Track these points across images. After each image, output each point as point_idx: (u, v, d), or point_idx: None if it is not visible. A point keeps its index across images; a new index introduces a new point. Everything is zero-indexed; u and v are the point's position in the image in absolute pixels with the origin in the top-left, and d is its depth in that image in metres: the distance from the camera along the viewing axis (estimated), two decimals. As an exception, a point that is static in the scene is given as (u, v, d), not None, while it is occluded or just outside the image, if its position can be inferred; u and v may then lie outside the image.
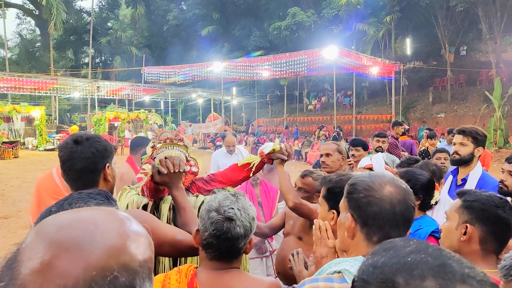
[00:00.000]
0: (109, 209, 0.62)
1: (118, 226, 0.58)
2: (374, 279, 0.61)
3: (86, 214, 0.59)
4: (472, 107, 20.63)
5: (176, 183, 1.70)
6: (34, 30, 40.24)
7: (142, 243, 0.59)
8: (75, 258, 0.52)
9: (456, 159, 2.83)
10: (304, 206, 2.19)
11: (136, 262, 0.55)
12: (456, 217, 1.44)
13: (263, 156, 2.28)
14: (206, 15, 31.88)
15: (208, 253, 1.35)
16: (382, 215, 1.06)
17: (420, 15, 23.29)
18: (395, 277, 0.58)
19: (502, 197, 1.44)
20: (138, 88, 26.31)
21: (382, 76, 21.16)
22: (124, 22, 40.00)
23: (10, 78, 20.85)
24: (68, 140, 1.50)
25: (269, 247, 3.50)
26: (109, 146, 1.55)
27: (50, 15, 28.37)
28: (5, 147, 17.22)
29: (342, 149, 3.24)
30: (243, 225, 1.33)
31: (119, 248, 0.55)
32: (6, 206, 7.90)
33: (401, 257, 0.61)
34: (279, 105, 30.25)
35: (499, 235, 1.39)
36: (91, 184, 1.47)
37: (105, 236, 0.55)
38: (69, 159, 1.46)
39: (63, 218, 0.58)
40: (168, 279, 1.35)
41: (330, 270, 1.08)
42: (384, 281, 0.59)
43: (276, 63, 18.94)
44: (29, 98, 29.24)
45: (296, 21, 24.75)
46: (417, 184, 2.16)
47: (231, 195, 1.40)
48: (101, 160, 1.49)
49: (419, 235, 2.05)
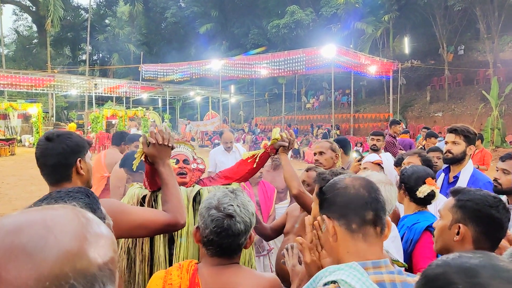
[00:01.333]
0: (67, 209, 0.57)
1: (74, 228, 0.53)
2: (457, 264, 0.60)
3: (38, 216, 0.53)
4: (469, 106, 20.68)
5: (164, 158, 1.72)
6: (31, 26, 40.07)
7: (102, 245, 0.55)
8: (25, 268, 0.47)
9: (449, 157, 2.85)
10: (307, 195, 2.19)
11: (94, 266, 0.52)
12: (450, 216, 1.44)
13: (266, 147, 2.32)
14: (204, 12, 31.80)
15: (209, 250, 1.37)
16: (350, 199, 1.11)
17: (418, 14, 23.32)
18: (480, 270, 0.58)
19: (496, 196, 1.43)
20: (135, 85, 26.24)
21: (380, 75, 21.17)
22: (122, 19, 39.88)
23: (7, 75, 20.75)
24: (41, 138, 1.61)
25: (266, 246, 3.51)
26: (81, 142, 1.62)
27: (47, 12, 28.24)
28: (1, 144, 17.17)
29: (335, 147, 3.26)
30: (243, 221, 1.35)
31: (75, 253, 0.50)
32: (2, 204, 7.87)
33: (493, 260, 0.60)
34: (277, 103, 30.24)
35: (492, 235, 1.38)
36: (64, 178, 1.56)
37: (59, 241, 0.50)
38: (42, 156, 1.56)
39: (11, 222, 0.51)
40: (169, 275, 1.36)
41: (325, 280, 1.06)
42: (467, 268, 0.58)
43: (274, 61, 18.92)
44: (26, 95, 29.14)
45: (295, 19, 24.73)
46: (406, 178, 2.22)
47: (230, 192, 1.41)
48: (72, 155, 1.56)
49: (416, 229, 2.06)
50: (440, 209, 1.52)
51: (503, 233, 1.40)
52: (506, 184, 2.30)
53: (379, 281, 1.02)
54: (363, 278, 1.00)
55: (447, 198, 1.55)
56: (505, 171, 2.32)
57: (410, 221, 2.15)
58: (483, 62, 22.19)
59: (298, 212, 2.48)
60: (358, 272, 1.01)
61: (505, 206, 1.40)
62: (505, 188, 2.29)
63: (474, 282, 0.57)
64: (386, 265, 1.07)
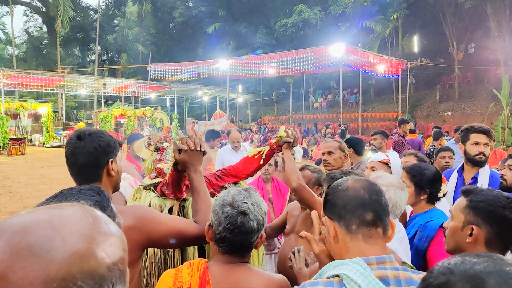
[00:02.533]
0: (75, 208, 0.56)
1: (81, 227, 0.52)
2: (461, 271, 0.57)
3: (45, 216, 0.52)
4: (479, 105, 20.43)
5: (195, 164, 1.69)
6: (41, 27, 40.49)
7: (112, 244, 0.54)
8: (32, 270, 0.46)
9: (483, 160, 2.71)
10: (306, 190, 2.17)
11: (103, 267, 0.50)
12: (461, 217, 1.42)
13: (271, 144, 2.34)
14: (212, 12, 31.87)
15: (221, 247, 1.37)
16: (350, 201, 1.11)
17: (428, 12, 23.09)
18: (486, 277, 0.55)
19: (509, 196, 1.40)
20: (144, 85, 26.40)
21: (389, 74, 21.03)
22: (130, 20, 40.11)
23: (18, 75, 21.01)
24: (72, 136, 1.53)
25: (278, 244, 3.50)
26: (113, 142, 1.55)
27: (57, 13, 28.57)
28: (12, 144, 17.39)
29: (344, 146, 3.23)
30: (256, 219, 1.35)
31: (83, 254, 0.49)
32: (13, 203, 7.97)
33: (498, 264, 0.58)
34: (285, 102, 30.20)
35: (506, 236, 1.36)
36: (94, 179, 1.48)
37: (66, 241, 0.49)
38: (73, 155, 1.49)
39: (18, 222, 0.51)
40: (180, 273, 1.36)
41: (329, 274, 1.06)
42: (472, 276, 0.56)
43: (282, 61, 18.90)
44: (36, 95, 29.49)
45: (303, 18, 24.66)
46: (422, 178, 2.17)
47: (244, 190, 1.42)
48: (103, 155, 1.50)
49: (431, 226, 2.06)
50: (452, 209, 1.50)
51: None
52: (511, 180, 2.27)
53: (382, 276, 1.02)
54: (365, 273, 0.99)
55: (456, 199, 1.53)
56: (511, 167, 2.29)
57: (423, 219, 2.15)
58: (494, 60, 21.88)
59: (298, 211, 2.46)
60: (361, 267, 1.01)
61: (518, 206, 1.37)
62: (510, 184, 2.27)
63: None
64: (391, 261, 1.06)
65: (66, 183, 6.09)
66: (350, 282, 0.99)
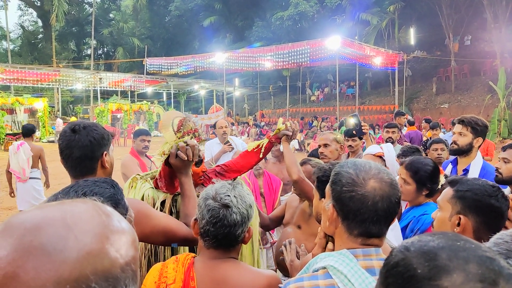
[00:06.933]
0: (87, 204, 0.54)
1: (95, 226, 0.50)
2: (416, 248, 0.60)
3: (58, 213, 0.50)
4: (476, 98, 20.47)
5: (187, 170, 1.79)
6: (36, 21, 40.12)
7: (125, 243, 0.52)
8: (44, 270, 0.44)
9: (454, 149, 2.80)
10: (306, 182, 2.20)
11: (116, 267, 0.49)
12: (449, 207, 1.43)
13: (270, 137, 2.35)
14: (208, 5, 31.64)
15: (206, 241, 1.36)
16: (363, 211, 1.04)
17: (424, 4, 23.02)
18: (439, 251, 0.58)
19: (494, 185, 1.43)
20: (140, 79, 26.29)
21: (386, 66, 21.00)
22: (126, 13, 39.76)
23: (13, 70, 20.87)
24: (65, 129, 1.55)
25: (270, 239, 3.51)
26: (106, 134, 1.57)
27: (52, 6, 28.32)
28: (8, 139, 17.34)
29: (339, 138, 3.25)
30: (239, 212, 1.34)
31: (96, 254, 0.47)
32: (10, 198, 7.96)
33: (451, 240, 0.60)
34: (282, 96, 30.13)
35: (493, 224, 1.38)
36: (89, 171, 1.52)
37: (80, 241, 0.47)
38: (67, 147, 1.51)
39: (29, 219, 0.48)
40: (166, 268, 1.36)
41: (315, 267, 1.08)
42: (426, 252, 0.58)
43: (278, 54, 18.83)
44: (32, 90, 29.29)
45: (299, 11, 24.54)
46: (424, 175, 2.17)
47: (228, 184, 1.42)
48: (98, 148, 1.52)
49: (424, 219, 2.08)
50: (439, 199, 1.52)
51: (503, 222, 1.39)
52: (506, 173, 2.28)
53: (368, 267, 1.03)
54: (351, 264, 1.01)
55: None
56: (506, 160, 2.31)
57: (417, 211, 2.17)
58: (490, 52, 21.89)
59: (297, 202, 2.49)
60: (347, 258, 1.03)
61: (503, 194, 1.40)
62: (506, 177, 2.29)
63: (433, 265, 0.57)
64: (377, 253, 1.07)
65: (63, 178, 6.15)
66: (336, 272, 1.01)
